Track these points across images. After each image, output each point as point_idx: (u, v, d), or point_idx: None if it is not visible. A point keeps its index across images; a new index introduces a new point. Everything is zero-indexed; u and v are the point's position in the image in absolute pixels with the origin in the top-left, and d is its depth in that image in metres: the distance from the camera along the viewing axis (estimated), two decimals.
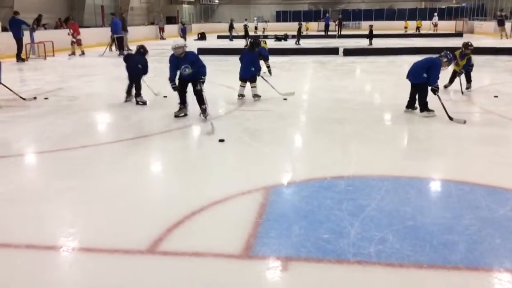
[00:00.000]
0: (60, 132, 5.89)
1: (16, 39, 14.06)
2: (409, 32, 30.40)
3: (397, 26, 34.39)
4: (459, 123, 6.00)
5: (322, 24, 31.31)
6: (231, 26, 26.95)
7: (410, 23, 33.60)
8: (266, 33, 29.78)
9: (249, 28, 25.35)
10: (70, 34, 16.39)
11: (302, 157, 4.96)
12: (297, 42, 21.91)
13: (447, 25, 32.98)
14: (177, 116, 6.43)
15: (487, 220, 3.21)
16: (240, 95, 7.86)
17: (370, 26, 21.04)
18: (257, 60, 7.93)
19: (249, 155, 4.94)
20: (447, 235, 2.99)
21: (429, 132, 5.70)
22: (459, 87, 8.17)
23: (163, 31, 27.29)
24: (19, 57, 14.20)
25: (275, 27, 34.17)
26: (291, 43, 22.42)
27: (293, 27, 30.00)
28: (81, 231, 3.17)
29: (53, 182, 4.12)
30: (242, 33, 25.22)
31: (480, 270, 2.62)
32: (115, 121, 6.73)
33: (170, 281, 2.56)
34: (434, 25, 31.98)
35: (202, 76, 6.20)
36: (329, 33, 28.47)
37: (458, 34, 26.99)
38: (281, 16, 41.96)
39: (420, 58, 6.66)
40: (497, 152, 4.90)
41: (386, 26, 34.33)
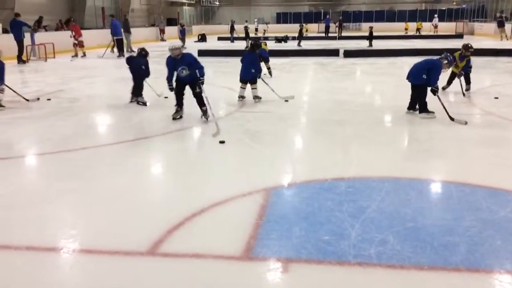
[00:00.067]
0: (61, 134, 5.89)
1: (17, 41, 14.10)
2: (409, 34, 30.42)
3: (398, 28, 34.39)
4: (460, 124, 6.00)
5: (323, 26, 31.38)
6: (232, 28, 26.96)
7: (411, 25, 33.61)
8: (267, 35, 29.79)
9: (250, 30, 25.35)
10: (72, 36, 16.43)
11: (303, 159, 4.97)
12: (299, 44, 21.90)
13: (448, 27, 32.99)
14: (174, 119, 6.42)
15: (488, 222, 3.21)
16: (241, 97, 7.87)
17: (370, 28, 21.03)
18: (258, 62, 7.94)
19: (250, 157, 4.94)
20: (448, 237, 2.99)
21: (430, 134, 5.70)
22: (458, 89, 8.16)
23: (164, 33, 27.34)
24: (20, 59, 14.23)
25: (276, 29, 34.19)
26: (291, 45, 22.43)
27: (294, 29, 30.07)
28: (82, 233, 3.17)
29: (54, 184, 4.12)
30: (243, 35, 25.24)
31: (481, 272, 2.62)
32: (116, 123, 6.74)
33: (171, 283, 2.56)
34: (434, 27, 31.98)
35: (201, 78, 6.17)
36: (330, 35, 28.50)
37: (459, 36, 27.02)
38: (282, 18, 42.00)
39: (420, 59, 6.66)
40: (498, 154, 4.90)
41: (387, 28, 34.33)
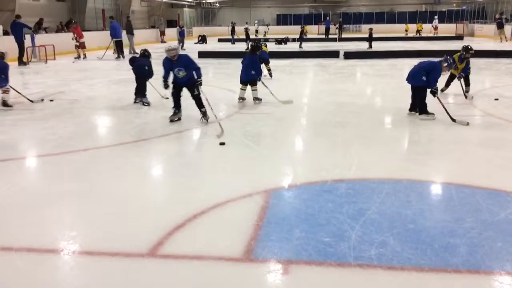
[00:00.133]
0: (62, 135, 5.90)
1: (18, 43, 14.11)
2: (410, 35, 30.44)
3: (398, 29, 34.42)
4: (462, 125, 6.03)
5: (323, 28, 31.41)
6: (233, 30, 26.97)
7: (411, 26, 33.66)
8: (267, 37, 29.82)
9: (250, 32, 25.37)
10: (74, 38, 16.45)
11: (303, 160, 4.97)
12: (300, 45, 21.85)
13: (448, 28, 33.02)
14: (172, 121, 6.40)
15: (488, 223, 3.21)
16: (241, 98, 7.87)
17: (370, 29, 21.02)
18: (258, 64, 7.92)
19: (250, 158, 4.95)
20: (448, 238, 2.99)
21: (430, 135, 5.71)
22: (458, 91, 8.17)
23: (164, 35, 27.35)
24: (21, 61, 14.24)
25: (276, 30, 34.21)
26: (291, 46, 22.44)
27: (294, 31, 30.11)
28: (82, 234, 3.17)
29: (55, 186, 4.12)
30: (243, 37, 25.25)
31: (481, 273, 2.62)
32: (116, 124, 6.74)
33: (171, 285, 2.57)
34: (435, 28, 32.02)
35: (198, 79, 6.15)
36: (330, 36, 28.52)
37: (459, 37, 27.05)
38: (282, 20, 42.04)
39: (420, 61, 6.68)
40: (498, 155, 4.90)
41: (387, 29, 34.35)
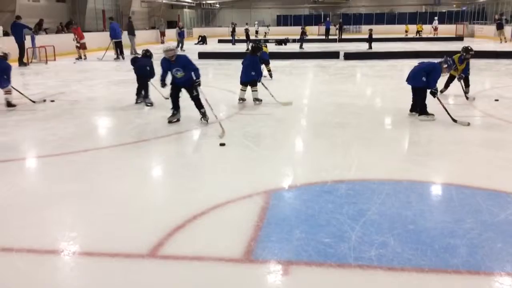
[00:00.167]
0: (62, 136, 5.90)
1: (19, 44, 14.12)
2: (410, 36, 30.46)
3: (398, 30, 34.46)
4: (463, 125, 6.06)
5: (323, 28, 31.42)
6: (234, 30, 26.98)
7: (411, 27, 33.69)
8: (267, 37, 29.84)
9: (250, 32, 25.40)
10: (75, 39, 16.46)
11: (303, 161, 4.97)
12: (301, 46, 21.83)
13: (448, 29, 33.05)
14: (171, 122, 6.39)
15: (488, 224, 3.21)
16: (241, 99, 7.87)
17: (370, 30, 21.02)
18: (258, 65, 7.92)
19: (250, 159, 4.95)
20: (448, 239, 2.99)
21: (430, 136, 5.71)
22: (458, 92, 8.18)
23: (164, 36, 27.34)
24: (21, 62, 14.25)
25: (276, 31, 34.26)
26: (292, 47, 22.44)
27: (294, 31, 30.11)
28: (82, 235, 3.17)
29: (55, 186, 4.13)
30: (243, 37, 25.28)
31: (481, 274, 2.62)
32: (117, 125, 6.74)
33: (171, 286, 2.57)
34: (434, 29, 32.04)
35: (197, 80, 6.14)
36: (330, 37, 28.54)
37: (459, 38, 27.07)
38: (282, 21, 42.07)
39: (420, 61, 6.70)
40: (498, 156, 4.90)
41: (387, 30, 34.38)
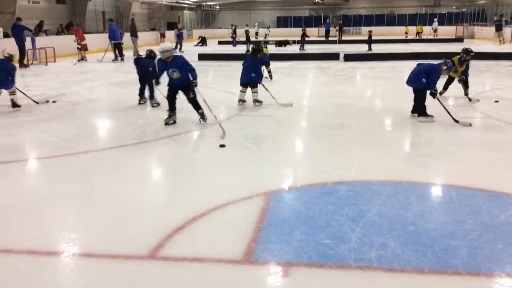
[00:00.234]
0: (63, 138, 5.90)
1: (19, 45, 14.12)
2: (409, 38, 30.47)
3: (398, 32, 34.48)
4: (465, 126, 6.11)
5: (323, 30, 31.44)
6: (234, 32, 27.02)
7: (411, 29, 33.71)
8: (268, 39, 29.86)
9: (250, 34, 25.42)
10: (76, 41, 16.48)
11: (303, 162, 4.97)
12: (302, 48, 21.82)
13: (448, 30, 33.06)
14: (167, 124, 6.36)
15: (489, 225, 3.21)
16: (241, 101, 7.86)
17: (369, 32, 21.04)
18: (258, 66, 7.89)
19: (250, 160, 4.95)
20: (448, 240, 2.99)
21: (430, 137, 5.71)
22: (457, 93, 8.20)
23: (164, 37, 27.32)
24: (22, 63, 14.25)
25: (276, 33, 34.25)
26: (291, 48, 22.45)
27: (294, 33, 30.13)
28: (82, 237, 3.17)
29: (55, 188, 4.13)
30: (243, 39, 25.30)
31: (482, 275, 2.62)
32: (117, 127, 6.75)
33: (171, 287, 2.56)
34: (434, 31, 32.06)
35: (194, 80, 6.12)
36: (330, 39, 28.56)
37: (459, 40, 27.07)
38: (282, 22, 42.09)
39: (418, 63, 6.74)
40: (498, 157, 4.90)
41: (387, 32, 34.40)
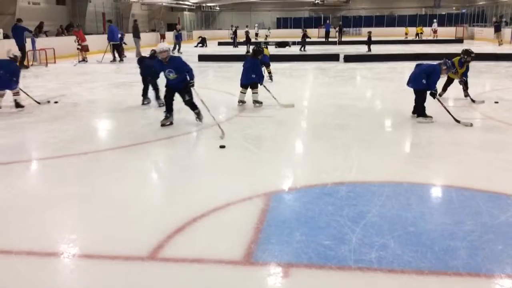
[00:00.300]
0: (62, 139, 5.90)
1: (19, 46, 14.12)
2: (409, 39, 30.50)
3: (398, 33, 34.51)
4: (466, 126, 6.15)
5: (323, 31, 31.47)
6: (235, 33, 27.03)
7: (411, 30, 33.73)
8: (268, 40, 29.89)
9: (250, 35, 25.46)
10: (76, 41, 16.49)
11: (303, 163, 4.97)
12: (303, 49, 21.82)
13: (448, 32, 33.08)
14: (164, 125, 6.33)
15: (489, 226, 3.21)
16: (241, 102, 7.85)
17: (369, 33, 21.06)
18: (259, 67, 7.84)
19: (250, 161, 4.95)
20: (449, 241, 2.99)
21: (430, 138, 5.71)
22: (456, 94, 8.21)
23: (164, 38, 27.34)
24: (22, 64, 14.24)
25: (276, 34, 34.28)
26: (291, 50, 22.45)
27: (294, 34, 30.15)
28: (82, 238, 3.17)
29: (55, 189, 4.13)
30: (243, 40, 25.32)
31: (482, 276, 2.62)
32: (117, 127, 6.75)
33: None
34: (434, 32, 32.09)
35: (191, 81, 6.12)
36: (330, 40, 28.58)
37: (459, 40, 27.11)
38: (282, 23, 42.13)
39: (417, 63, 6.77)
40: (498, 158, 4.90)
41: (387, 33, 34.43)
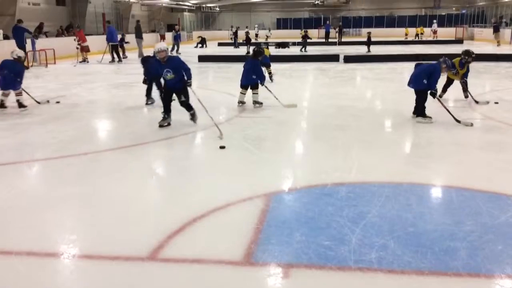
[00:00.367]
0: (62, 139, 5.90)
1: (19, 47, 14.11)
2: (409, 39, 30.51)
3: (398, 33, 34.53)
4: (466, 125, 6.17)
5: (323, 31, 31.49)
6: (236, 34, 27.03)
7: (411, 30, 33.75)
8: (268, 41, 29.91)
9: (250, 35, 25.49)
10: (76, 40, 16.50)
11: (303, 164, 4.97)
12: (304, 49, 21.80)
13: (447, 32, 33.11)
14: (162, 126, 6.30)
15: (489, 227, 3.21)
16: (240, 102, 7.85)
17: (368, 33, 21.09)
18: (260, 68, 7.82)
19: (250, 162, 4.95)
20: (449, 242, 2.99)
21: (430, 138, 5.71)
22: (456, 95, 8.22)
23: (164, 39, 27.35)
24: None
25: (276, 34, 34.30)
26: (291, 50, 22.45)
27: (294, 34, 30.15)
28: (82, 238, 3.17)
29: (55, 189, 4.13)
30: (242, 40, 25.35)
31: (482, 277, 2.62)
32: (117, 128, 6.75)
33: None
34: (434, 32, 32.11)
35: (188, 80, 6.11)
36: (330, 40, 28.59)
37: (458, 41, 27.14)
38: (282, 24, 42.15)
39: (416, 63, 6.78)
40: (498, 158, 4.90)
41: (387, 33, 34.46)
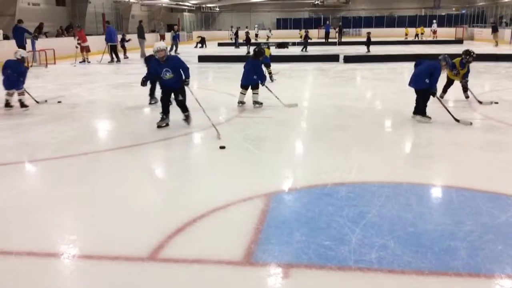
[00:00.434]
0: (62, 139, 5.90)
1: (20, 47, 14.12)
2: (409, 39, 30.53)
3: (398, 33, 34.56)
4: (466, 125, 6.19)
5: (323, 32, 31.50)
6: (236, 34, 27.05)
7: (410, 30, 33.76)
8: (269, 41, 29.92)
9: (250, 35, 25.51)
10: (77, 41, 16.51)
11: (303, 164, 4.97)
12: (305, 50, 21.80)
13: (447, 32, 33.14)
14: (160, 127, 6.29)
15: (489, 226, 3.21)
16: (240, 102, 7.84)
17: (368, 33, 21.11)
18: (260, 69, 7.81)
19: (250, 162, 4.95)
20: (449, 242, 2.99)
21: (430, 138, 5.71)
22: (456, 95, 8.23)
23: (164, 39, 27.36)
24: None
25: (276, 35, 34.31)
26: (291, 50, 22.46)
27: (294, 35, 30.14)
28: (82, 238, 3.17)
29: (55, 189, 4.13)
30: (242, 40, 25.37)
31: (482, 277, 2.62)
32: (116, 128, 6.75)
33: None
34: (433, 32, 32.12)
35: (186, 79, 6.10)
36: (330, 40, 28.61)
37: (458, 41, 27.16)
38: (282, 24, 42.17)
39: (416, 62, 6.80)
40: (498, 158, 4.90)
41: (387, 33, 34.48)
